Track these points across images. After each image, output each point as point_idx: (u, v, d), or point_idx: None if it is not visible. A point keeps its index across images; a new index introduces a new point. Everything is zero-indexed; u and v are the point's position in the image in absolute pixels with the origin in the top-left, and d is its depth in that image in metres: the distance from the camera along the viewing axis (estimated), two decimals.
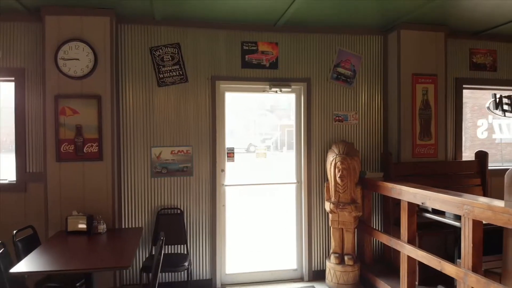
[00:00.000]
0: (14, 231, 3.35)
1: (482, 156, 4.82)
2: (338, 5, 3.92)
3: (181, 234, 4.18)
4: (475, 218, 2.86)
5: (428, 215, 3.71)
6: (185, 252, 4.22)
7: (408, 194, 3.63)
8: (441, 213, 3.57)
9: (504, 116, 5.44)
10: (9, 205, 4.02)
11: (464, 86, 5.10)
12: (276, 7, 3.92)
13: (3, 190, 4.06)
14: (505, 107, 5.42)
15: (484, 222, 2.88)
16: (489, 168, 4.78)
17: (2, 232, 3.67)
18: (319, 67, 4.62)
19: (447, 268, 3.14)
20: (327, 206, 4.33)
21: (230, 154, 4.56)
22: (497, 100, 5.34)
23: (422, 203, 3.47)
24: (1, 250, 2.93)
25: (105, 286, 3.76)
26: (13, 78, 4.07)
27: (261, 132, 5.72)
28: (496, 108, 5.37)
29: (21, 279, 3.29)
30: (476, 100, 5.56)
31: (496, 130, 5.73)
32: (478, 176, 4.74)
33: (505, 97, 5.38)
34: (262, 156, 5.16)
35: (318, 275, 4.57)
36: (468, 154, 5.32)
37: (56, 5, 3.80)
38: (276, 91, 4.52)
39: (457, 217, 3.22)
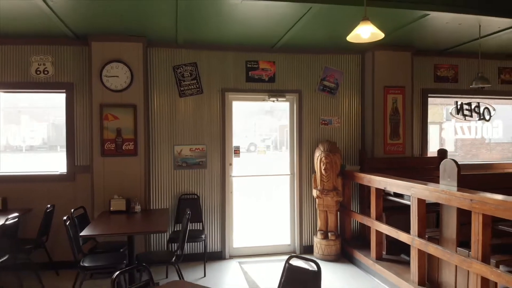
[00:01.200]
0: (72, 209, 4.34)
1: (442, 153, 5.81)
2: (324, 33, 4.89)
3: (198, 214, 5.17)
4: (418, 197, 3.86)
5: (391, 198, 4.71)
6: (201, 229, 5.21)
7: (375, 181, 4.62)
8: (401, 196, 4.57)
9: (465, 119, 6.44)
10: (62, 192, 5.01)
11: (429, 95, 6.09)
12: (274, 34, 4.90)
13: (57, 180, 5.05)
14: (466, 112, 6.42)
15: (426, 199, 3.87)
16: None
17: (59, 211, 4.67)
18: (309, 81, 5.61)
19: (402, 236, 4.13)
20: (314, 192, 5.33)
21: (237, 151, 5.55)
22: (459, 106, 6.34)
23: (384, 188, 4.46)
24: (81, 212, 3.91)
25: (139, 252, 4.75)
26: (64, 91, 5.06)
27: (261, 133, 6.73)
28: (458, 113, 6.36)
29: (77, 247, 4.27)
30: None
31: (459, 132, 6.73)
32: (439, 169, 5.71)
33: (465, 104, 6.37)
34: (262, 153, 6.15)
35: (308, 249, 5.56)
36: (459, 153, 6.29)
37: (100, 33, 4.79)
38: (274, 100, 5.51)
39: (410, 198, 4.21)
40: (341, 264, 5.16)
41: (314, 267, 2.37)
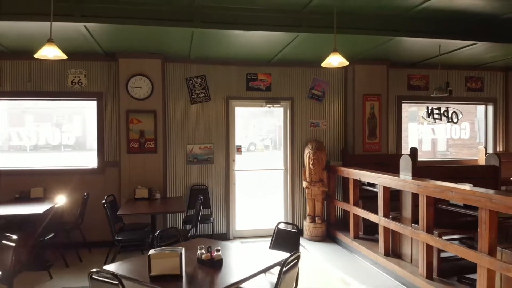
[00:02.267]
0: (105, 196, 5.28)
1: (414, 151, 6.76)
2: (311, 51, 5.83)
3: (206, 202, 6.12)
4: (383, 185, 4.81)
5: (366, 187, 5.66)
6: (209, 213, 6.17)
7: (352, 173, 5.58)
8: (374, 186, 5.52)
9: (435, 122, 7.41)
10: (93, 183, 5.95)
11: (403, 101, 7.04)
12: (270, 52, 5.85)
13: (89, 173, 6.01)
14: (436, 116, 7.38)
15: (390, 187, 4.82)
16: (419, 160, 6.73)
17: (94, 198, 5.62)
18: (300, 90, 6.57)
19: (371, 216, 5.09)
20: (304, 184, 6.29)
21: (239, 149, 6.51)
22: (429, 111, 7.31)
23: (359, 178, 5.42)
24: (111, 199, 4.87)
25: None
26: (95, 99, 6.01)
27: (260, 133, 7.70)
28: (429, 117, 7.33)
29: (113, 225, 5.22)
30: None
31: (430, 133, 7.70)
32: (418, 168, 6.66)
33: (435, 109, 7.34)
34: (260, 151, 7.12)
35: (300, 231, 6.50)
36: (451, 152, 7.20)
37: (126, 51, 5.74)
38: (270, 106, 6.47)
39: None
40: (326, 243, 6.12)
41: (295, 230, 3.33)
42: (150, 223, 5.26)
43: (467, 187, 3.73)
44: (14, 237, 3.14)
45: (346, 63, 4.01)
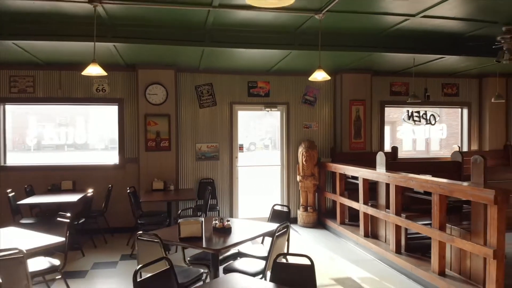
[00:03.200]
0: (128, 188, 6.15)
1: (395, 149, 7.65)
2: (303, 63, 6.68)
3: (213, 193, 6.99)
4: (363, 177, 5.69)
5: (351, 180, 6.54)
6: (216, 203, 7.05)
7: (339, 168, 6.46)
8: (357, 179, 6.38)
9: (414, 124, 8.29)
10: (116, 177, 6.82)
11: (386, 106, 7.92)
12: (268, 64, 6.72)
13: (112, 168, 6.88)
14: (415, 118, 8.27)
15: (369, 179, 5.69)
16: (399, 157, 7.62)
17: (116, 190, 6.49)
18: (294, 96, 7.44)
19: (353, 204, 5.97)
20: (298, 178, 7.16)
21: (241, 148, 7.39)
22: (409, 114, 8.19)
23: (344, 172, 6.30)
24: (132, 190, 5.76)
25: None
26: (117, 104, 6.89)
27: (259, 134, 8.58)
28: (409, 119, 8.21)
29: (136, 211, 6.08)
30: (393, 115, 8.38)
31: (410, 133, 8.58)
32: (395, 163, 7.54)
33: (415, 112, 8.22)
34: (260, 150, 7.99)
35: (293, 219, 7.37)
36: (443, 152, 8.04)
37: (145, 63, 6.61)
38: (268, 110, 7.36)
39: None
40: (317, 229, 6.99)
41: (287, 210, 4.23)
42: (165, 210, 6.14)
43: (426, 177, 4.60)
44: (68, 214, 4.02)
45: (329, 78, 4.89)
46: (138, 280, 2.34)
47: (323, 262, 5.24)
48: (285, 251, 3.68)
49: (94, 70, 4.33)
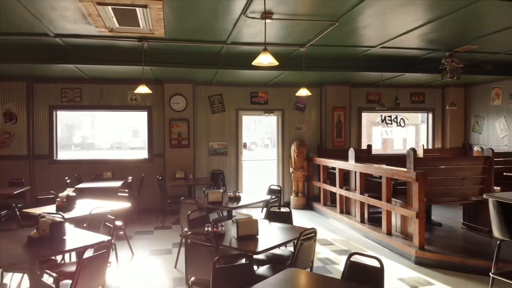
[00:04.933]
0: (158, 176, 7.83)
1: (369, 146, 9.33)
2: (294, 79, 8.36)
3: (223, 182, 8.68)
4: (338, 167, 7.37)
5: (330, 170, 8.22)
6: (224, 190, 8.73)
7: (322, 161, 8.14)
8: (335, 169, 8.06)
9: (387, 126, 9.97)
10: (146, 168, 8.51)
11: (362, 111, 9.60)
12: (266, 79, 8.40)
13: (143, 162, 8.58)
14: (387, 121, 9.95)
15: (343, 169, 7.36)
16: (373, 153, 9.30)
17: (148, 178, 8.18)
18: (288, 103, 9.13)
19: (332, 189, 7.65)
20: (290, 169, 8.84)
21: (245, 145, 9.07)
22: (382, 118, 9.87)
23: (325, 164, 7.99)
24: (160, 178, 7.46)
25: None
26: (146, 111, 8.58)
27: (259, 135, 10.27)
28: (382, 122, 9.90)
29: (165, 194, 7.74)
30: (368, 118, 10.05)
31: (384, 133, 10.26)
32: (369, 156, 9.22)
33: (387, 116, 9.90)
34: (260, 147, 9.67)
35: (287, 203, 9.07)
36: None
37: (169, 79, 8.30)
38: (267, 115, 9.04)
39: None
40: (306, 210, 8.67)
41: (279, 188, 5.93)
42: (185, 194, 7.81)
43: (378, 165, 6.28)
44: (126, 190, 5.71)
45: (310, 94, 6.58)
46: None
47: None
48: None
49: (143, 89, 6.01)
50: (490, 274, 3.88)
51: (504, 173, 6.86)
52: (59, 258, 4.51)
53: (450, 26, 5.30)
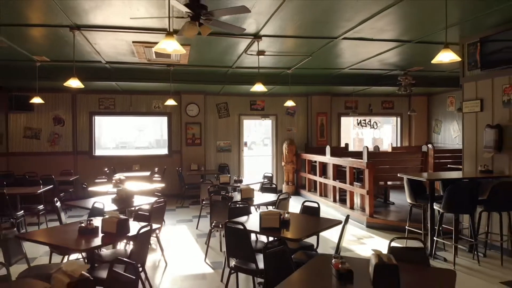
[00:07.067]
0: (177, 168, 9.86)
1: (347, 144, 11.36)
2: (286, 90, 10.37)
3: (228, 172, 10.71)
4: (318, 161, 9.41)
5: (313, 164, 10.25)
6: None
7: (307, 157, 10.18)
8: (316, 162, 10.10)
9: (362, 128, 12.01)
10: (166, 162, 10.53)
11: (341, 116, 11.62)
12: (263, 91, 10.42)
13: (164, 157, 10.62)
14: (363, 124, 11.98)
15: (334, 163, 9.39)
16: (349, 150, 11.35)
17: (168, 170, 10.22)
18: (281, 110, 11.15)
19: (315, 178, 9.70)
20: (282, 163, 10.88)
21: (245, 144, 11.12)
22: (358, 121, 11.91)
23: (309, 159, 10.02)
24: (180, 169, 9.50)
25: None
26: (166, 117, 10.62)
27: (258, 135, 12.31)
28: (358, 125, 11.93)
29: (183, 182, 9.76)
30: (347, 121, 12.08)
31: (359, 134, 12.29)
32: (346, 152, 11.25)
33: (362, 120, 11.93)
34: (259, 146, 11.71)
35: (280, 190, 11.10)
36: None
37: (186, 91, 10.33)
38: (263, 119, 11.09)
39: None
40: (295, 196, 10.66)
41: (271, 175, 7.96)
42: (199, 182, 9.83)
43: (346, 159, 8.30)
44: (159, 175, 7.74)
45: (295, 104, 8.61)
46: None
47: (295, 210, 8.97)
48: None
49: (170, 102, 8.05)
50: (406, 226, 5.91)
51: (449, 165, 8.89)
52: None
53: (403, 53, 7.00)
